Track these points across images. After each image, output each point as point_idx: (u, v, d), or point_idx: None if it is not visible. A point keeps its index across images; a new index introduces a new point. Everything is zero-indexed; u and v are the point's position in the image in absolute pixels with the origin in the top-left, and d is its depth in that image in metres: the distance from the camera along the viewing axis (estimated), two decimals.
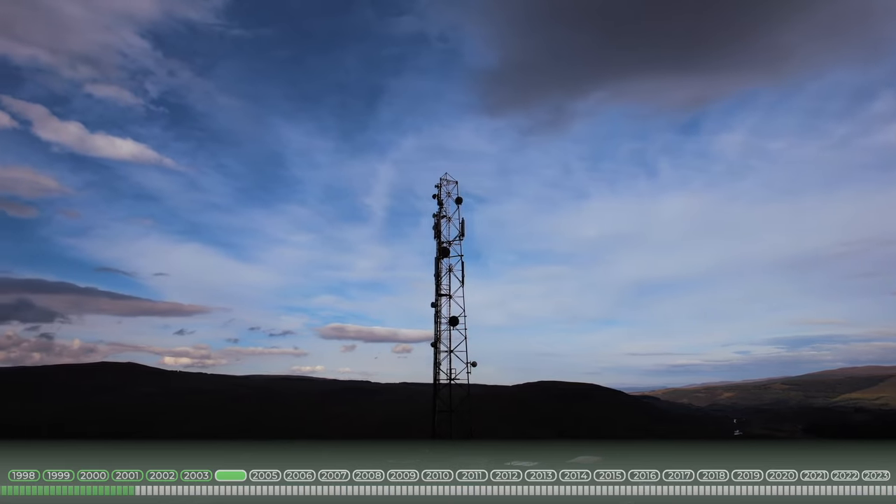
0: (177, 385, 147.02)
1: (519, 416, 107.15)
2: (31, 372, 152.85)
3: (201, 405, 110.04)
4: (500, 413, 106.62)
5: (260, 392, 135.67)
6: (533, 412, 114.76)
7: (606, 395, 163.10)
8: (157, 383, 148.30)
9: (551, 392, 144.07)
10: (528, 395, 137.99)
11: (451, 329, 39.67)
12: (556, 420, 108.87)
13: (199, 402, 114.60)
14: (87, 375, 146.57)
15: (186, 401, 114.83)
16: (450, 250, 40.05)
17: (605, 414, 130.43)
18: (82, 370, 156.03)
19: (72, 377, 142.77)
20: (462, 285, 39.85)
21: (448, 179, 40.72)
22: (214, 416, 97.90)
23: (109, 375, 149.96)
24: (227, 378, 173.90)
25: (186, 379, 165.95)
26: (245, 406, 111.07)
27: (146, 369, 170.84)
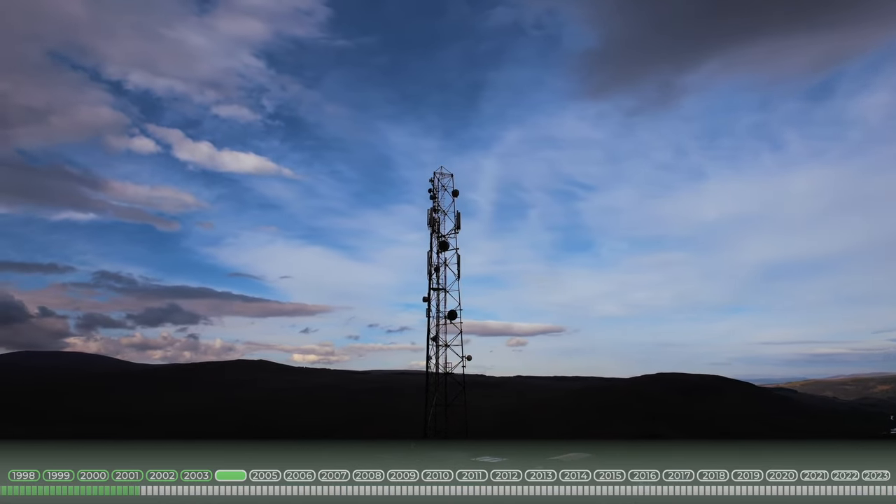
0: (303, 380, 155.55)
1: (635, 410, 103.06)
2: (184, 368, 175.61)
3: (325, 400, 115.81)
4: (614, 406, 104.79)
5: (379, 387, 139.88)
6: (651, 405, 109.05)
7: (734, 386, 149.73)
8: (286, 378, 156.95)
9: (672, 384, 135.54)
10: (646, 388, 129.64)
11: (448, 322, 39.66)
12: (674, 414, 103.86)
13: (323, 397, 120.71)
14: (226, 372, 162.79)
15: (312, 396, 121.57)
16: (448, 244, 39.93)
17: (732, 407, 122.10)
18: (223, 367, 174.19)
19: (214, 373, 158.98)
20: (458, 279, 39.79)
21: (443, 173, 40.49)
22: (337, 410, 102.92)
23: (245, 372, 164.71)
24: (349, 373, 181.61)
25: (313, 374, 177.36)
26: (367, 400, 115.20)
27: (276, 366, 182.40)
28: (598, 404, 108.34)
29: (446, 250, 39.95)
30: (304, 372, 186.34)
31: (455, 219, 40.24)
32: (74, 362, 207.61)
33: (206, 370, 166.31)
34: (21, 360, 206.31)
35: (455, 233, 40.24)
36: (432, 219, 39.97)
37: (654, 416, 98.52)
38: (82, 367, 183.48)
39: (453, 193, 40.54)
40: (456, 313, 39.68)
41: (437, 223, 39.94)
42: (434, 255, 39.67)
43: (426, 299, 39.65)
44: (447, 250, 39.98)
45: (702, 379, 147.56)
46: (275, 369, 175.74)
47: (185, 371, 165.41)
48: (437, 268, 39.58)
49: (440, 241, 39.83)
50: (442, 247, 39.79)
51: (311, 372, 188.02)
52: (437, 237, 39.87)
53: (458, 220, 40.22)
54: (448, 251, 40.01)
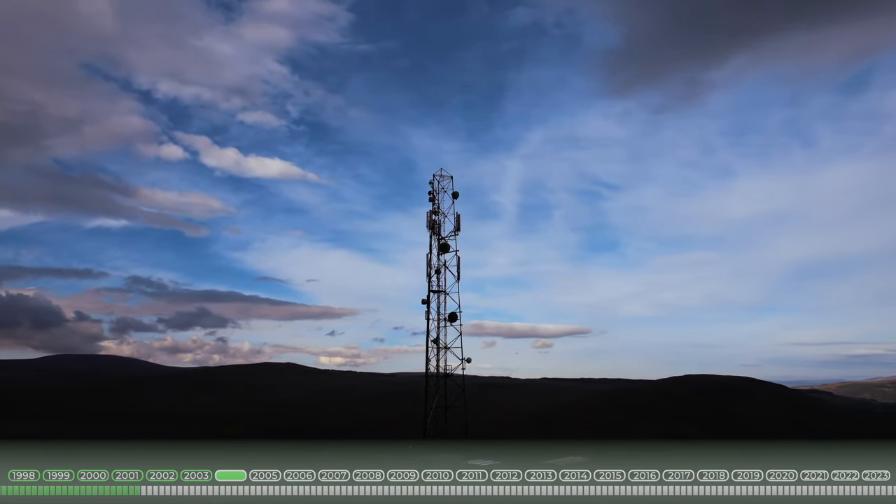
0: (330, 383, 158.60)
1: (663, 412, 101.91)
2: (213, 371, 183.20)
3: (352, 402, 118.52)
4: (642, 408, 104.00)
5: (406, 389, 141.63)
6: (679, 407, 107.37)
7: (765, 388, 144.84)
8: (314, 381, 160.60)
9: (701, 386, 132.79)
10: (675, 390, 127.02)
11: (448, 325, 39.68)
12: (703, 415, 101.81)
13: (351, 399, 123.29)
14: (254, 374, 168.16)
15: (340, 398, 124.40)
16: (449, 246, 39.97)
17: (763, 408, 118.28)
18: (251, 370, 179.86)
19: (243, 376, 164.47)
20: (458, 280, 39.84)
21: (443, 175, 40.57)
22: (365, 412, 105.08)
23: (273, 374, 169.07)
24: (376, 376, 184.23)
25: (339, 377, 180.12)
26: (393, 402, 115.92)
27: (303, 369, 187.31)
28: (626, 406, 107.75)
29: (447, 252, 40.01)
30: (330, 374, 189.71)
31: (455, 221, 40.29)
32: (108, 366, 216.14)
33: (235, 373, 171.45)
34: (58, 363, 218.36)
35: (455, 235, 40.30)
36: (432, 221, 40.05)
37: (682, 418, 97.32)
38: (115, 371, 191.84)
39: (453, 195, 40.58)
40: (456, 315, 39.70)
41: (438, 225, 40.00)
42: (434, 258, 39.73)
43: (424, 301, 39.71)
44: (448, 252, 40.04)
45: (732, 380, 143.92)
46: (302, 372, 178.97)
47: (214, 374, 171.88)
48: (437, 270, 39.62)
49: (441, 243, 39.89)
50: (443, 249, 39.85)
51: (337, 374, 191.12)
52: (438, 239, 39.94)
53: (457, 221, 40.26)
54: (448, 253, 40.06)
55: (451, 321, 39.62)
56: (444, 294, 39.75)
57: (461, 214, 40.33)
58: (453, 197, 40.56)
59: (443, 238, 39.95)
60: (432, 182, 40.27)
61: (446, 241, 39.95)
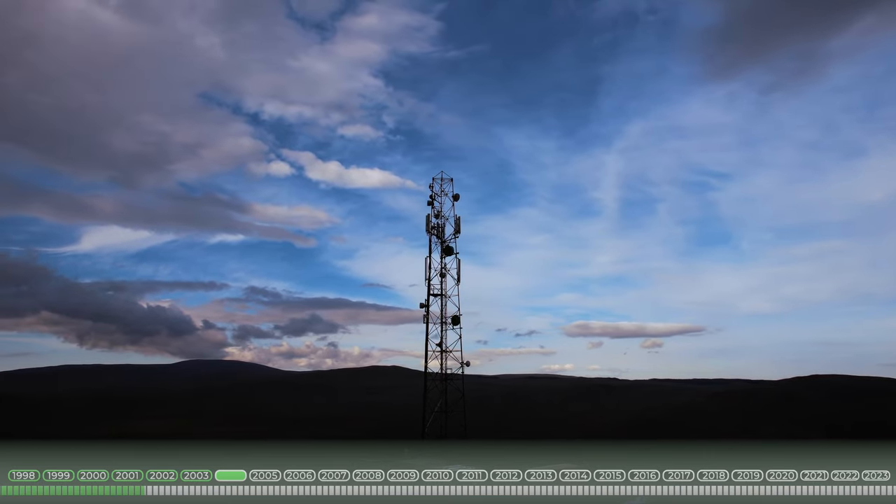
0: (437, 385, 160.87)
1: (782, 414, 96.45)
2: (326, 375, 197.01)
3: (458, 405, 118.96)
4: (760, 411, 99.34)
5: (510, 391, 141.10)
6: (800, 410, 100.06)
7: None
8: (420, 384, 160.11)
9: (827, 387, 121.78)
10: (797, 391, 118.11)
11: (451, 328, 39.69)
12: (824, 417, 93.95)
13: None
14: (365, 378, 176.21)
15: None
16: (452, 248, 40.01)
17: None
18: (361, 373, 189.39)
19: (354, 379, 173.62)
20: (458, 283, 39.86)
21: (443, 177, 40.70)
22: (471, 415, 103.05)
23: (381, 377, 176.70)
24: (479, 378, 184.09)
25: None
26: (496, 406, 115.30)
27: (410, 371, 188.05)
28: (743, 408, 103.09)
29: (450, 255, 40.05)
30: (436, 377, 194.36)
31: (455, 223, 40.36)
32: (232, 370, 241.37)
33: (346, 376, 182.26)
34: (190, 367, 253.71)
35: (455, 237, 40.35)
36: (433, 224, 40.10)
37: (802, 421, 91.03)
38: (238, 375, 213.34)
39: (454, 198, 40.68)
40: (458, 318, 39.76)
41: (439, 228, 40.05)
42: (436, 261, 39.75)
43: (422, 305, 39.75)
44: (451, 255, 40.08)
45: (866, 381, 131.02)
46: (410, 375, 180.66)
47: (326, 377, 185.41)
48: (441, 273, 39.68)
49: (444, 245, 39.95)
50: (446, 252, 39.92)
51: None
52: (441, 242, 40.00)
53: (457, 224, 40.34)
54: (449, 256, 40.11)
55: (454, 324, 39.65)
56: (445, 297, 39.76)
57: (461, 217, 40.48)
58: (453, 199, 40.66)
59: (444, 241, 39.99)
60: (432, 185, 40.38)
61: (448, 244, 39.99)
